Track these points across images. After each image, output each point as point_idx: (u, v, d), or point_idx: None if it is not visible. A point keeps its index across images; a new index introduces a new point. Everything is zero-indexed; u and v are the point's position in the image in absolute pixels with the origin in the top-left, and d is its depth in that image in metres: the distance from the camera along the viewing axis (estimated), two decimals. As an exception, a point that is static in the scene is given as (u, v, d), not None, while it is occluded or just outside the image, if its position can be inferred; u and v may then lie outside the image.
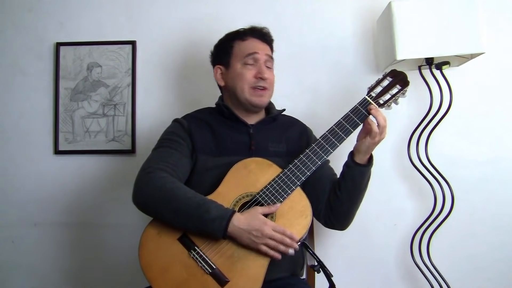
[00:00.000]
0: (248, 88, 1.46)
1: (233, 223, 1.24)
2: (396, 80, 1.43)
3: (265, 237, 1.24)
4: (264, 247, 1.25)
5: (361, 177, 1.41)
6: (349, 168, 1.42)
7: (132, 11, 1.99)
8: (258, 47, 1.49)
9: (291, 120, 1.61)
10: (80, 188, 1.95)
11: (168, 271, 1.27)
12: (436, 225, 1.74)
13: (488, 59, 1.78)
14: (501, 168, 1.83)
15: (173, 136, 1.45)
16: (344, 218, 1.47)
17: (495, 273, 1.80)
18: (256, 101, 1.47)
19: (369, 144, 1.38)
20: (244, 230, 1.25)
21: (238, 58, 1.49)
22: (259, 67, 1.47)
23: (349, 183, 1.41)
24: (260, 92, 1.47)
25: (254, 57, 1.47)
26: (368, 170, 1.42)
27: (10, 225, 1.97)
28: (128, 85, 1.96)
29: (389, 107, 1.44)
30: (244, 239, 1.26)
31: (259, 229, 1.24)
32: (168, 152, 1.40)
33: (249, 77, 1.46)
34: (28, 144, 1.98)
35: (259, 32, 1.52)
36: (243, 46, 1.49)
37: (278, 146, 1.49)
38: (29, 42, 2.01)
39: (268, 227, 1.25)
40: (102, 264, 1.93)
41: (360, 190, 1.43)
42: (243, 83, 1.46)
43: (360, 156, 1.40)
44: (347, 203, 1.44)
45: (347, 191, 1.42)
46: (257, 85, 1.46)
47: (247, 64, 1.47)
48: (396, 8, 1.62)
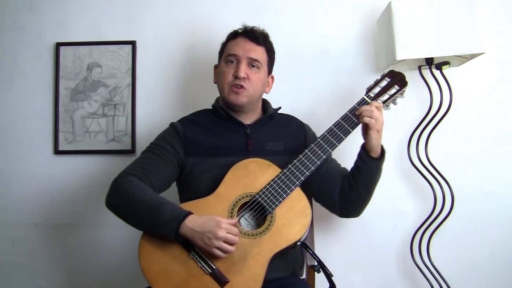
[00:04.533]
0: (227, 87, 1.47)
1: (186, 224, 1.24)
2: (395, 80, 1.44)
3: (219, 240, 1.22)
4: (217, 251, 1.23)
5: (377, 170, 1.44)
6: (366, 163, 1.42)
7: (132, 11, 1.99)
8: (242, 45, 1.48)
9: (288, 118, 1.61)
10: (80, 188, 1.95)
11: (168, 271, 1.27)
12: (436, 225, 1.74)
13: (488, 59, 1.78)
14: (501, 168, 1.82)
15: (161, 142, 1.46)
16: (361, 207, 1.49)
17: (495, 273, 1.80)
18: (232, 99, 1.46)
19: (375, 136, 1.39)
20: (197, 231, 1.24)
21: (223, 57, 1.52)
22: (237, 65, 1.47)
23: (365, 177, 1.43)
24: (236, 90, 1.46)
25: (236, 56, 1.48)
26: (382, 162, 1.44)
27: (10, 225, 1.97)
28: (128, 85, 1.96)
29: (387, 107, 1.44)
30: (197, 241, 1.24)
31: (212, 231, 1.23)
32: (148, 158, 1.43)
33: (228, 75, 1.47)
34: (28, 144, 1.98)
35: (249, 32, 1.51)
36: (229, 45, 1.51)
37: (275, 145, 1.49)
38: (29, 42, 2.01)
39: (222, 229, 1.23)
40: (102, 264, 1.93)
41: (376, 181, 1.46)
42: (223, 81, 1.48)
43: (375, 150, 1.42)
44: (364, 194, 1.46)
45: (364, 184, 1.44)
46: (234, 83, 1.46)
47: (228, 62, 1.48)
48: (396, 8, 1.61)
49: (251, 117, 1.53)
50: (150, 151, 1.46)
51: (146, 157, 1.44)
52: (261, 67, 1.49)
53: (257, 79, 1.48)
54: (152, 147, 1.46)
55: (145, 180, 1.36)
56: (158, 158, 1.42)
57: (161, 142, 1.46)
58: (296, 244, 1.31)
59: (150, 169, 1.39)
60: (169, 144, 1.45)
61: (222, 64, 1.50)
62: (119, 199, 1.34)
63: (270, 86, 1.59)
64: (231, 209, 1.33)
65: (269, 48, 1.54)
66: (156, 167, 1.40)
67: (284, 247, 1.30)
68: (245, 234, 1.31)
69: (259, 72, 1.49)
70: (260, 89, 1.51)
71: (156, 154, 1.43)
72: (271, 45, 1.55)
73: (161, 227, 1.26)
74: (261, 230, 1.31)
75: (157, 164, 1.41)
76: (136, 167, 1.40)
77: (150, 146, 1.48)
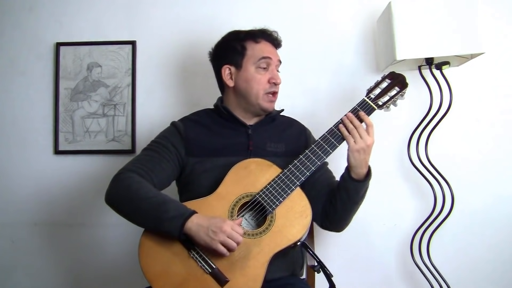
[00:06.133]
0: (262, 93, 1.46)
1: (192, 219, 1.24)
2: (395, 82, 1.43)
3: (224, 233, 1.22)
4: (221, 246, 1.23)
5: (355, 192, 1.39)
6: (344, 181, 1.39)
7: (132, 11, 1.99)
8: (271, 51, 1.49)
9: (290, 120, 1.60)
10: (80, 188, 1.95)
11: (168, 271, 1.27)
12: (436, 225, 1.74)
13: (488, 59, 1.78)
14: (501, 168, 1.83)
15: (163, 140, 1.46)
16: (338, 224, 1.47)
17: (495, 273, 1.80)
18: (267, 106, 1.47)
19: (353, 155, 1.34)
20: (203, 226, 1.23)
21: (251, 60, 1.46)
22: (271, 71, 1.47)
23: (344, 195, 1.40)
24: (271, 98, 1.47)
25: (267, 61, 1.47)
26: (364, 185, 1.39)
27: (10, 225, 1.97)
28: (128, 85, 1.96)
29: (388, 109, 1.44)
30: (201, 235, 1.23)
31: (217, 225, 1.22)
32: (149, 156, 1.42)
33: (264, 81, 1.46)
34: (28, 144, 1.98)
35: (272, 37, 1.51)
36: (257, 49, 1.48)
37: (276, 146, 1.48)
38: (29, 42, 2.01)
39: (228, 225, 1.23)
40: (102, 264, 1.93)
41: (355, 203, 1.41)
42: (258, 87, 1.45)
43: (355, 171, 1.37)
44: (342, 212, 1.42)
45: (342, 202, 1.40)
46: (270, 90, 1.46)
47: (260, 68, 1.46)
48: (396, 8, 1.62)
49: (254, 118, 1.52)
50: (151, 148, 1.45)
51: (147, 154, 1.43)
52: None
53: None
54: (154, 145, 1.46)
55: (146, 177, 1.36)
56: (159, 156, 1.42)
57: (162, 141, 1.46)
58: (296, 244, 1.31)
59: (151, 166, 1.39)
60: (171, 143, 1.45)
61: (251, 68, 1.46)
62: (121, 195, 1.33)
63: None
64: (231, 209, 1.33)
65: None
66: (157, 165, 1.40)
67: (285, 247, 1.30)
68: (246, 233, 1.30)
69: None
70: None
71: (158, 152, 1.43)
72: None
73: (165, 224, 1.25)
74: (261, 230, 1.31)
75: (159, 162, 1.41)
76: (137, 164, 1.39)
77: (152, 144, 1.47)
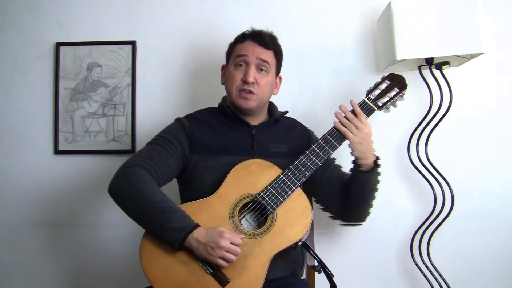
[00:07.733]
0: (235, 90, 1.47)
1: (193, 235, 1.25)
2: (394, 83, 1.44)
3: (221, 249, 1.23)
4: (221, 261, 1.24)
5: (367, 182, 1.42)
6: (354, 174, 1.43)
7: (132, 11, 1.99)
8: (251, 49, 1.48)
9: (293, 122, 1.61)
10: (80, 188, 1.95)
11: (169, 271, 1.27)
12: (436, 225, 1.74)
13: (488, 59, 1.78)
14: (501, 167, 1.83)
15: (168, 136, 1.46)
16: (358, 216, 1.49)
17: (495, 273, 1.80)
18: (240, 103, 1.47)
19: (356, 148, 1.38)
20: (202, 242, 1.24)
21: (231, 59, 1.51)
22: (246, 70, 1.47)
23: (356, 188, 1.42)
24: (244, 95, 1.46)
25: (244, 59, 1.47)
26: (373, 175, 1.42)
27: (10, 225, 1.97)
28: (128, 85, 1.96)
29: (387, 110, 1.45)
30: (201, 252, 1.25)
31: (214, 241, 1.23)
32: (156, 151, 1.42)
33: (236, 79, 1.47)
34: (28, 144, 1.98)
35: (257, 35, 1.50)
36: (238, 48, 1.50)
37: (280, 147, 1.49)
38: (29, 42, 2.01)
39: (225, 239, 1.24)
40: (102, 264, 1.93)
41: (370, 192, 1.44)
42: (232, 84, 1.48)
43: (363, 162, 1.40)
44: (358, 204, 1.45)
45: (356, 195, 1.43)
46: (242, 88, 1.46)
47: (237, 66, 1.48)
48: (396, 8, 1.62)
49: (258, 119, 1.53)
50: (157, 143, 1.44)
51: (153, 149, 1.43)
52: (269, 70, 1.49)
53: (265, 83, 1.48)
54: (159, 140, 1.45)
55: (152, 173, 1.36)
56: (165, 152, 1.41)
57: (168, 136, 1.45)
58: (297, 244, 1.31)
59: (158, 162, 1.38)
60: (176, 139, 1.44)
61: (231, 67, 1.50)
62: (125, 191, 1.32)
63: (278, 87, 1.60)
64: (232, 209, 1.33)
65: (277, 51, 1.53)
66: (163, 161, 1.40)
67: (285, 247, 1.30)
68: (246, 234, 1.31)
69: (267, 75, 1.49)
70: (268, 93, 1.51)
71: (164, 147, 1.42)
72: (279, 48, 1.54)
73: (167, 234, 1.26)
74: (262, 230, 1.32)
75: (165, 159, 1.40)
76: (145, 158, 1.38)
77: (157, 138, 1.46)
